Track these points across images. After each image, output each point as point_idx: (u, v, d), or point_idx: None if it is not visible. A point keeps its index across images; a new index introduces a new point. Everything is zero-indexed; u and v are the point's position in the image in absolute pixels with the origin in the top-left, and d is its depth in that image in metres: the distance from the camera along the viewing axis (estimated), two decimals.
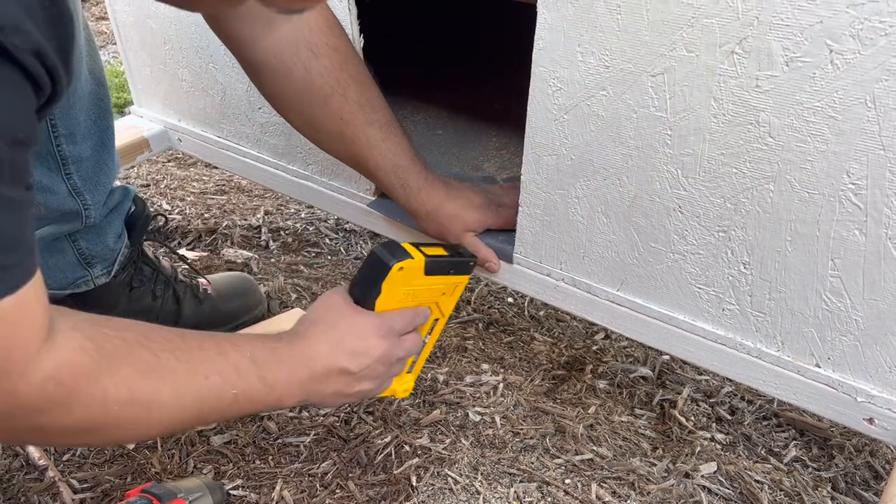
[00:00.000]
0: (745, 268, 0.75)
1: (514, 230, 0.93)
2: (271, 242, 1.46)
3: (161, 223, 1.14)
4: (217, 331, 1.10)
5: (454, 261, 0.81)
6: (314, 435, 0.97)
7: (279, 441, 0.96)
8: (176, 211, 1.55)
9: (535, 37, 0.77)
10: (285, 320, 1.13)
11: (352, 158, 0.94)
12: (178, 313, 1.10)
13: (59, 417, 0.54)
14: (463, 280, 0.84)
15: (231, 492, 0.88)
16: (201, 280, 1.16)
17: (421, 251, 0.77)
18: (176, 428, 0.63)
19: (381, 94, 0.90)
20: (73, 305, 0.97)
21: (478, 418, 1.01)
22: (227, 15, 0.84)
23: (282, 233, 1.50)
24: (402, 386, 0.85)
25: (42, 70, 0.43)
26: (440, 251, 0.80)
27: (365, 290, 0.75)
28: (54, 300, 0.53)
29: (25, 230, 0.49)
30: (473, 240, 0.94)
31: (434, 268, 0.78)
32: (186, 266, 1.21)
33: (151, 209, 1.18)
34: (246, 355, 0.65)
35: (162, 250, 1.31)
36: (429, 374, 1.09)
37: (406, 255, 0.75)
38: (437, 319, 0.86)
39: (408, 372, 0.86)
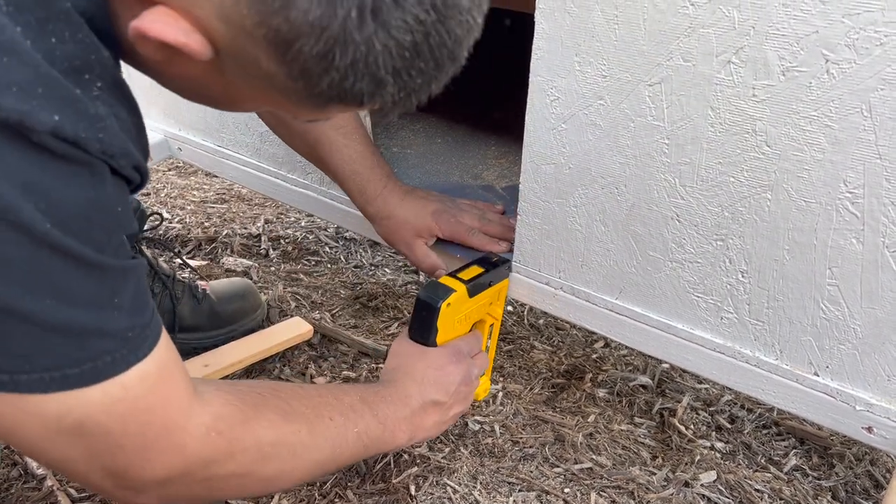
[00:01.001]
0: (742, 276, 0.75)
1: (461, 245, 0.97)
2: (271, 251, 1.46)
3: (157, 222, 1.14)
4: (216, 333, 1.12)
5: (491, 273, 0.87)
6: None
7: None
8: (176, 219, 1.56)
9: (533, 46, 0.78)
10: (284, 329, 1.13)
11: (317, 161, 0.98)
12: (175, 313, 1.10)
13: (224, 465, 0.58)
14: (504, 284, 0.91)
15: (229, 502, 0.88)
16: (200, 282, 1.16)
17: (459, 279, 0.83)
18: (316, 470, 0.67)
19: None
20: None
21: (477, 427, 1.01)
22: None
23: (282, 241, 1.50)
24: (480, 388, 0.91)
25: (137, 176, 0.52)
26: (476, 270, 0.86)
27: (424, 333, 0.82)
28: None
29: (148, 292, 0.54)
30: (422, 247, 0.97)
31: (476, 289, 0.84)
32: (188, 269, 1.21)
33: (147, 209, 1.19)
34: (356, 398, 0.71)
35: (163, 257, 1.32)
36: None
37: (448, 291, 0.81)
38: (492, 325, 0.92)
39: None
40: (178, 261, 1.23)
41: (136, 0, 0.46)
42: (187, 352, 1.12)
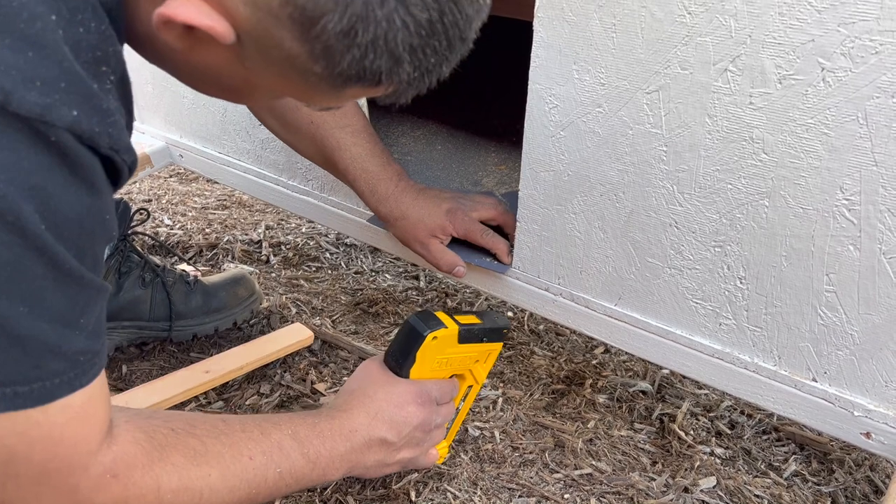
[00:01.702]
0: (741, 283, 0.75)
1: (475, 246, 0.95)
2: (272, 257, 1.46)
3: (144, 217, 1.15)
4: (210, 320, 1.12)
5: (487, 328, 0.82)
6: None
7: None
8: (177, 226, 1.56)
9: (532, 54, 0.78)
10: (285, 335, 1.13)
11: (324, 162, 0.96)
12: (169, 300, 1.11)
13: None
14: (496, 347, 0.85)
15: None
16: (190, 269, 1.17)
17: (455, 320, 0.79)
18: None
19: (356, 102, 0.91)
20: None
21: (477, 433, 1.02)
22: None
23: (282, 247, 1.51)
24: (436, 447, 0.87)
25: (128, 174, 0.51)
26: (474, 319, 0.81)
27: (399, 360, 0.77)
28: None
29: (105, 319, 0.52)
30: (438, 246, 0.95)
31: (468, 336, 0.80)
32: (183, 263, 1.22)
33: (131, 205, 1.19)
34: (287, 433, 0.67)
35: (168, 260, 1.32)
36: None
37: (440, 324, 0.77)
38: (470, 386, 0.88)
39: (442, 438, 0.87)
40: (181, 267, 1.23)
41: None
42: (187, 338, 1.13)
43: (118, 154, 0.47)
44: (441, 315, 0.79)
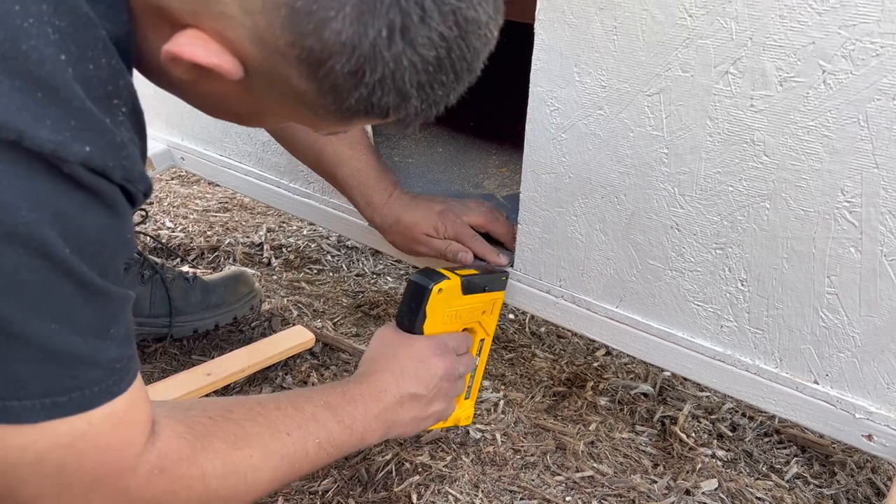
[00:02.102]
0: (742, 285, 0.75)
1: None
2: (273, 259, 1.46)
3: (143, 216, 1.16)
4: (210, 315, 1.14)
5: (487, 277, 0.85)
6: None
7: None
8: (179, 228, 1.56)
9: (533, 57, 0.78)
10: (286, 338, 1.14)
11: (323, 173, 0.98)
12: (168, 297, 1.11)
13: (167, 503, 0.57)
14: (499, 296, 0.89)
15: None
16: (189, 269, 1.18)
17: (455, 272, 0.81)
18: (273, 486, 0.65)
19: None
20: None
21: (478, 435, 1.02)
22: None
23: (284, 250, 1.51)
24: (463, 413, 0.89)
25: (143, 198, 0.52)
26: (472, 272, 0.84)
27: (411, 318, 0.79)
28: None
29: (133, 326, 0.53)
30: (438, 239, 0.96)
31: (470, 287, 0.82)
32: (185, 265, 1.22)
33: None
34: (320, 404, 0.68)
35: (171, 262, 1.32)
36: None
37: (442, 276, 0.79)
38: (482, 340, 0.90)
39: (465, 398, 0.89)
40: (183, 269, 1.23)
41: (167, 23, 0.47)
42: (187, 334, 1.13)
43: (131, 184, 0.48)
44: (441, 269, 0.81)
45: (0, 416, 0.46)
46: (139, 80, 0.55)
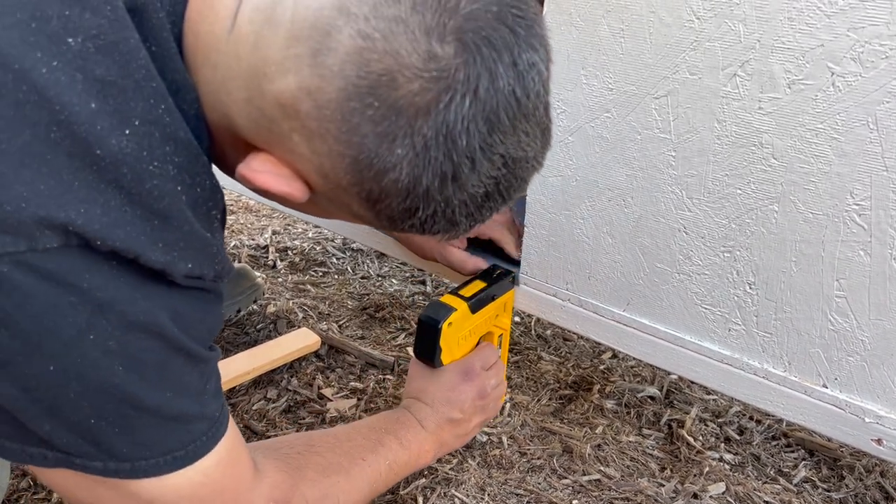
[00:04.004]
0: (750, 288, 0.75)
1: (488, 240, 0.97)
2: (279, 262, 1.47)
3: None
4: None
5: (493, 287, 0.87)
6: None
7: None
8: None
9: None
10: (292, 340, 1.14)
11: None
12: None
13: None
14: (509, 297, 0.91)
15: None
16: None
17: (460, 296, 0.84)
18: None
19: None
20: None
21: (484, 438, 1.01)
22: None
23: (289, 252, 1.51)
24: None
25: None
26: (478, 284, 0.86)
27: (429, 354, 0.83)
28: None
29: (220, 378, 0.60)
30: (456, 252, 0.97)
31: (479, 305, 0.85)
32: None
33: None
34: (382, 430, 0.79)
35: None
36: None
37: (450, 310, 0.82)
38: (500, 335, 0.93)
39: None
40: None
41: (243, 143, 0.52)
42: None
43: (221, 281, 0.55)
44: (447, 298, 0.83)
45: (131, 474, 0.53)
46: None
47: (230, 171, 0.57)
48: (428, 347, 0.82)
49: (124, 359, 0.49)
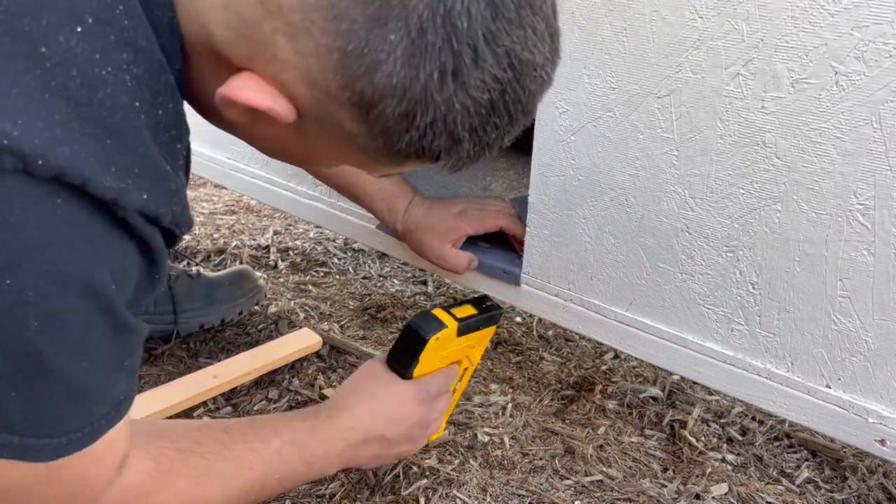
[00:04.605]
0: (753, 288, 0.74)
1: (494, 233, 0.97)
2: (280, 262, 1.46)
3: None
4: (215, 310, 1.15)
5: (483, 317, 0.83)
6: None
7: None
8: None
9: None
10: (293, 340, 1.13)
11: (342, 184, 0.99)
12: (172, 294, 1.12)
13: None
14: (490, 332, 0.87)
15: None
16: (193, 266, 1.19)
17: (452, 315, 0.80)
18: None
19: None
20: None
21: (486, 439, 1.01)
22: None
23: (290, 252, 1.51)
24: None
25: (183, 238, 0.54)
26: (470, 310, 0.82)
27: (403, 362, 0.79)
28: None
29: (140, 355, 0.54)
30: (452, 250, 0.97)
31: (465, 329, 0.81)
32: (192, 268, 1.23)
33: None
34: (287, 439, 0.69)
35: (177, 265, 1.32)
36: None
37: (440, 325, 0.78)
38: (465, 368, 0.89)
39: None
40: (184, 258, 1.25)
41: (222, 66, 0.47)
42: (194, 329, 1.14)
43: (178, 228, 0.50)
44: (439, 313, 0.80)
45: (15, 453, 0.46)
46: None
47: (208, 109, 0.51)
48: (407, 356, 0.79)
49: (41, 314, 0.42)
